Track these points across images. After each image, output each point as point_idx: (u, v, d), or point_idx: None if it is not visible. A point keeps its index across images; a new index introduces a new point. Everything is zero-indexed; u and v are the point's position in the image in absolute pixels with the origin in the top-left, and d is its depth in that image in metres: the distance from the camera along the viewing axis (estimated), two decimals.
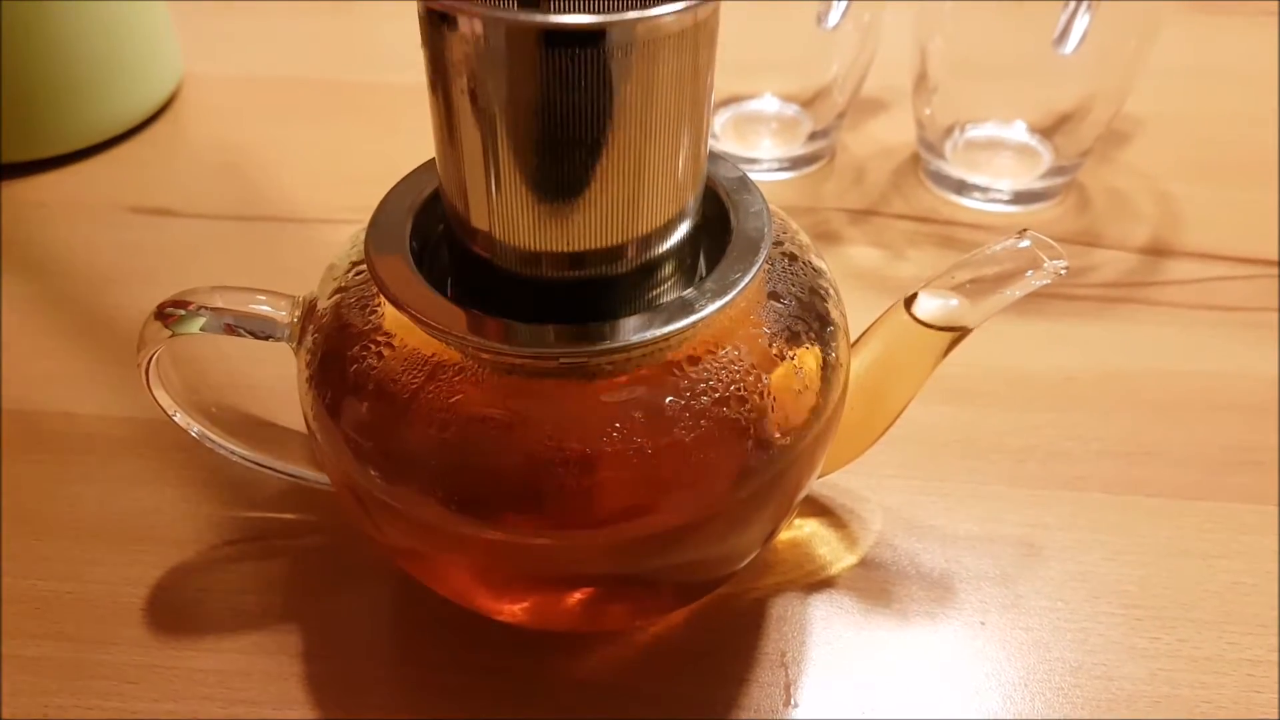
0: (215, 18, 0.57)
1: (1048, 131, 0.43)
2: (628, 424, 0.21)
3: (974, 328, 0.25)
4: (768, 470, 0.22)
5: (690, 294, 0.21)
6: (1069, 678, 0.27)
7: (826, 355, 0.24)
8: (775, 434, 0.22)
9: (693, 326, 0.20)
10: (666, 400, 0.21)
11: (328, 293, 0.24)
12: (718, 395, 0.21)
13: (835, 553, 0.30)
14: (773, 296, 0.23)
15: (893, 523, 0.31)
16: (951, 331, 0.25)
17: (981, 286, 0.24)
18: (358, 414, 0.22)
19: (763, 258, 0.22)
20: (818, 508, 0.31)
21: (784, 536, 0.30)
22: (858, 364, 0.26)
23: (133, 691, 0.27)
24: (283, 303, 0.25)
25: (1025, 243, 0.25)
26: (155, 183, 0.46)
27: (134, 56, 0.47)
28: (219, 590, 0.29)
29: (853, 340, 0.26)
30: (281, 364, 0.25)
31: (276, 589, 0.29)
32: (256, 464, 0.28)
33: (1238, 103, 0.50)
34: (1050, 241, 0.24)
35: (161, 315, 0.24)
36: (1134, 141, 0.47)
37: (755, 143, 0.45)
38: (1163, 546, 0.30)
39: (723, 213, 0.23)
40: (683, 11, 0.18)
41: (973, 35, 0.40)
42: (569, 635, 0.28)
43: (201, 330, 0.24)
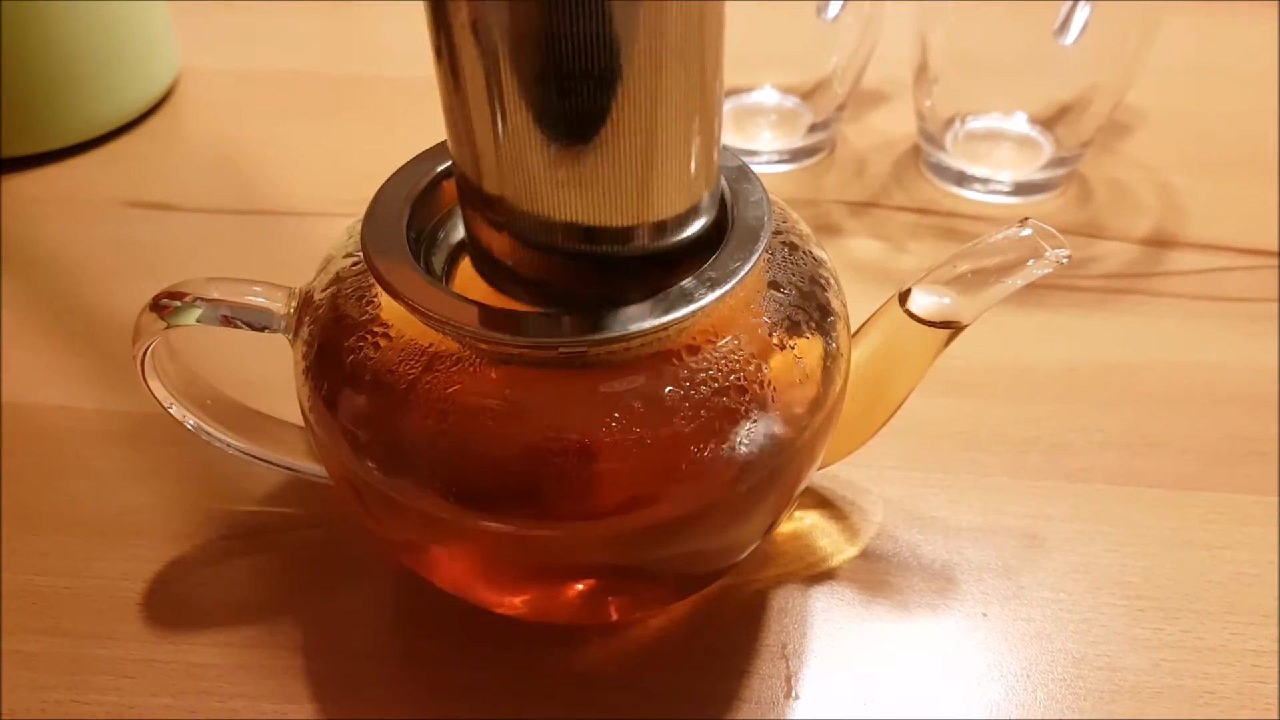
0: (213, 12, 0.57)
1: (1049, 123, 0.42)
2: (627, 414, 0.21)
3: (968, 324, 0.25)
4: (768, 461, 0.22)
5: (690, 283, 0.21)
6: (1071, 669, 0.27)
7: (827, 345, 0.23)
8: (776, 424, 0.22)
9: (692, 316, 0.20)
10: (666, 390, 0.21)
11: (324, 284, 0.24)
12: (717, 385, 0.21)
13: (836, 544, 0.30)
14: (773, 286, 0.23)
15: (894, 514, 0.31)
16: (945, 328, 0.25)
17: (980, 278, 0.24)
18: (355, 405, 0.22)
19: (763, 246, 0.22)
20: (818, 499, 0.31)
21: (785, 528, 0.30)
22: (858, 355, 0.26)
23: (131, 686, 0.27)
24: (279, 294, 0.25)
25: (1027, 231, 0.24)
26: (153, 177, 0.45)
27: (131, 51, 0.47)
28: (217, 585, 0.29)
29: (853, 331, 0.26)
30: (278, 356, 0.25)
31: (274, 583, 0.29)
32: (253, 457, 0.28)
33: (1239, 94, 0.50)
34: (1052, 230, 0.24)
35: (157, 307, 0.24)
36: (1135, 133, 0.47)
37: (755, 135, 0.45)
38: (1166, 537, 0.30)
39: (722, 202, 0.23)
40: None
41: (974, 27, 0.40)
42: (568, 628, 0.28)
43: (197, 322, 0.24)
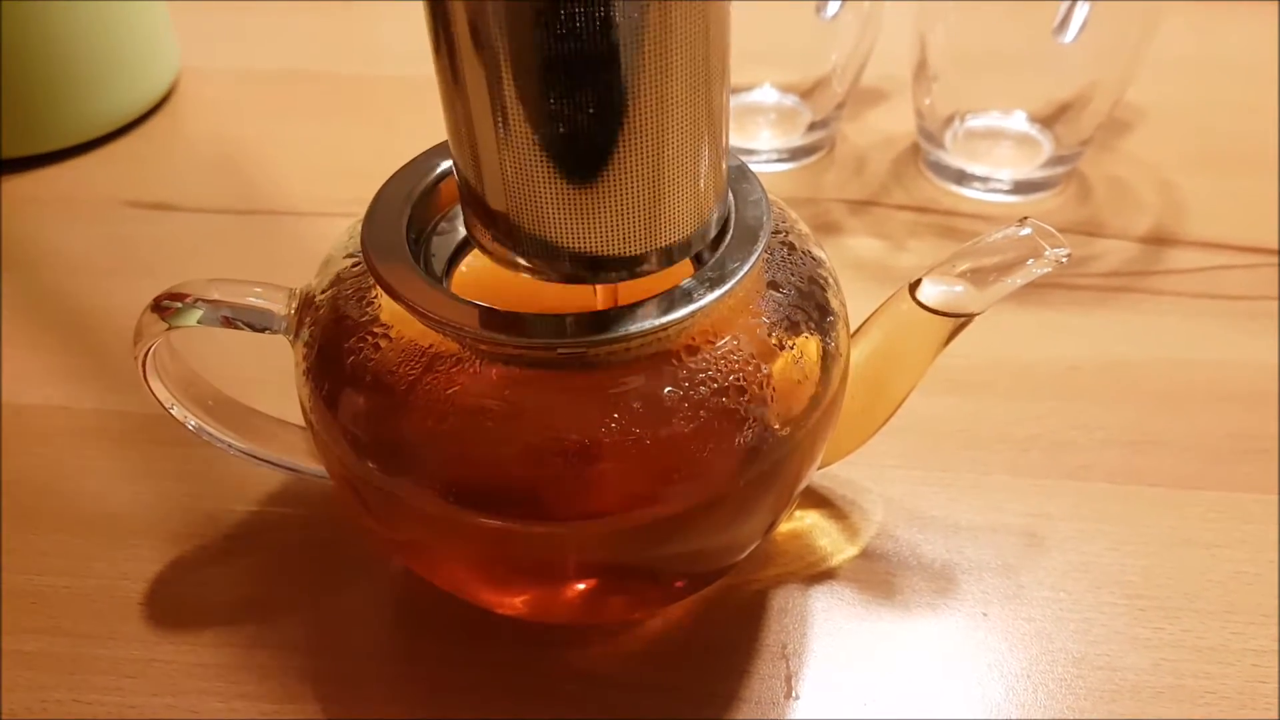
0: (213, 12, 0.57)
1: (1048, 121, 0.42)
2: (626, 414, 0.21)
3: (978, 314, 0.25)
4: (767, 460, 0.22)
5: (689, 283, 0.21)
6: (1072, 668, 0.27)
7: (826, 345, 0.23)
8: (775, 424, 0.22)
9: (691, 316, 0.20)
10: (665, 390, 0.21)
11: (324, 284, 0.24)
12: (717, 385, 0.21)
13: (836, 544, 0.30)
14: (772, 286, 0.23)
15: (894, 514, 0.31)
16: (956, 317, 0.25)
17: (982, 275, 0.24)
18: (355, 406, 0.22)
19: (761, 246, 0.22)
20: (818, 499, 0.31)
21: (785, 528, 0.30)
22: (858, 353, 0.26)
23: (131, 686, 0.27)
24: (280, 295, 0.25)
25: (1026, 231, 0.24)
26: (153, 177, 0.45)
27: (131, 51, 0.47)
28: (217, 584, 0.29)
29: (854, 329, 0.26)
30: (279, 356, 0.25)
31: (274, 583, 0.29)
32: (254, 457, 0.28)
33: (1239, 91, 0.50)
34: (1051, 229, 0.24)
35: (158, 308, 0.24)
36: (1135, 131, 0.47)
37: (754, 133, 0.45)
38: (1166, 536, 0.30)
39: None
40: None
41: (973, 25, 0.40)
42: (568, 627, 0.28)
43: (198, 323, 0.24)
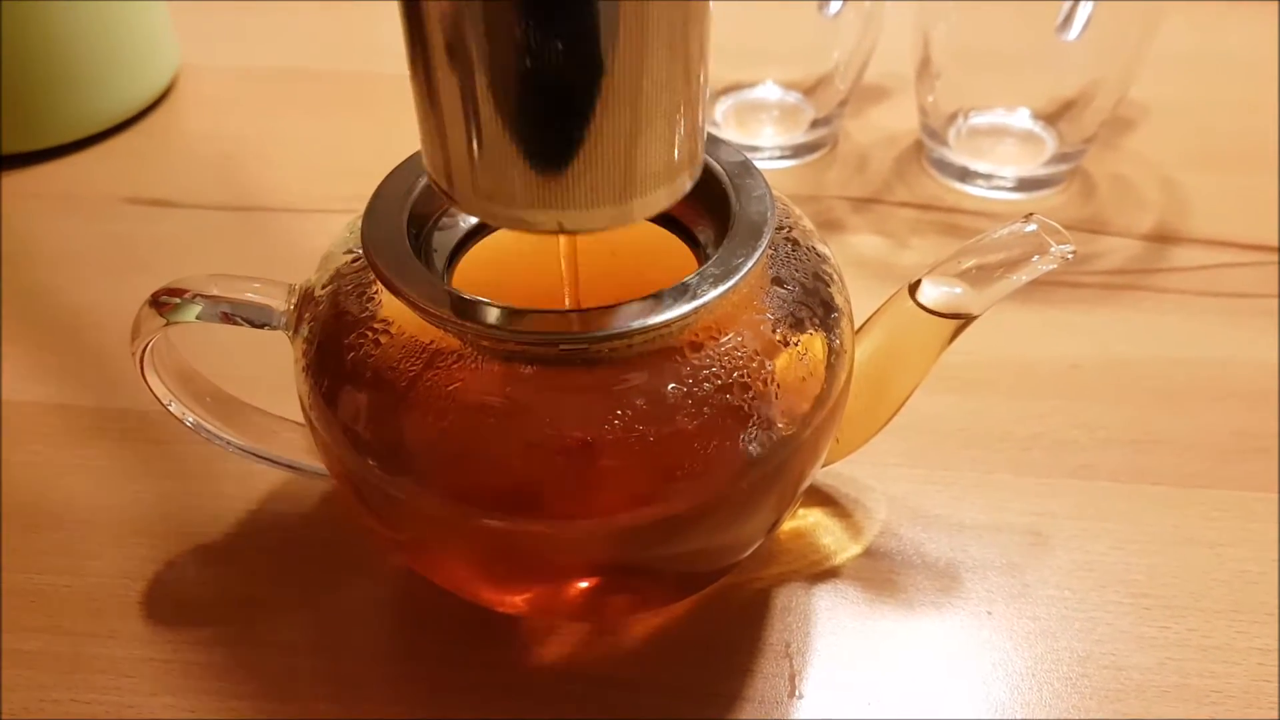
0: (212, 9, 0.57)
1: (1051, 118, 0.42)
2: (629, 411, 0.20)
3: (979, 315, 0.24)
4: (771, 458, 0.22)
5: (692, 279, 0.21)
6: (1077, 667, 0.27)
7: (831, 341, 0.23)
8: (779, 421, 0.22)
9: (695, 312, 0.20)
10: (669, 387, 0.21)
11: (324, 280, 0.24)
12: (721, 382, 0.21)
13: (840, 543, 0.30)
14: (776, 282, 0.23)
15: (898, 512, 0.30)
16: (955, 319, 0.24)
17: (987, 272, 0.24)
18: (355, 403, 0.22)
19: (765, 242, 0.21)
20: (822, 497, 0.31)
21: (788, 526, 0.30)
22: (861, 351, 0.26)
23: (130, 685, 0.26)
24: (279, 291, 0.24)
25: (1031, 227, 0.24)
26: (151, 174, 0.45)
27: (131, 48, 0.47)
28: (217, 583, 0.29)
29: (857, 327, 0.26)
30: (278, 353, 0.25)
31: (274, 582, 0.29)
32: (253, 454, 0.28)
33: (1242, 89, 0.49)
34: (1056, 226, 0.24)
35: (156, 304, 0.24)
36: (1138, 128, 0.47)
37: (757, 131, 0.45)
38: (1170, 535, 0.30)
39: (724, 197, 0.23)
40: None
41: (976, 22, 0.40)
42: (571, 626, 0.28)
43: (197, 319, 0.24)
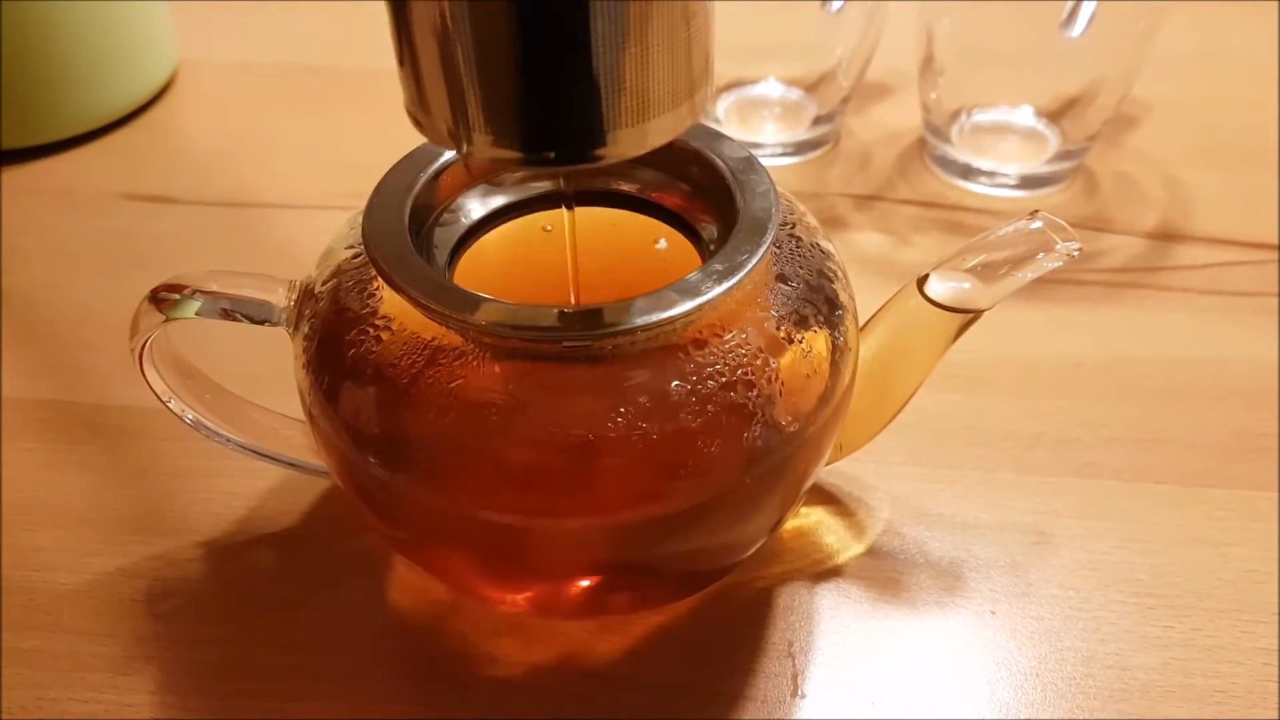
0: (211, 5, 0.57)
1: (1055, 116, 0.42)
2: (632, 408, 0.20)
3: (987, 309, 0.24)
4: (775, 456, 0.22)
5: (696, 276, 0.20)
6: (1081, 667, 0.27)
7: (835, 339, 0.23)
8: (783, 419, 0.22)
9: (699, 309, 0.20)
10: (672, 384, 0.21)
11: (325, 276, 0.23)
12: (724, 379, 0.21)
13: (843, 541, 0.30)
14: (780, 279, 0.23)
15: (901, 511, 0.30)
16: (964, 313, 0.24)
17: (993, 269, 0.24)
18: (356, 399, 0.22)
19: (770, 238, 0.21)
20: (825, 496, 0.31)
21: (791, 525, 0.30)
22: (866, 349, 0.25)
23: (129, 684, 0.26)
24: (279, 287, 0.24)
25: (1037, 224, 0.24)
26: (150, 170, 0.45)
27: (130, 43, 0.47)
28: (216, 581, 0.29)
29: (861, 324, 0.26)
30: (278, 349, 0.25)
31: (274, 580, 0.29)
32: (253, 451, 0.28)
33: (1246, 87, 0.49)
34: (1062, 223, 0.24)
35: (156, 300, 0.24)
36: (1142, 126, 0.47)
37: (759, 128, 0.45)
38: (1174, 534, 0.30)
39: (729, 193, 0.23)
40: None
41: (979, 19, 0.40)
42: (573, 624, 0.27)
43: (197, 315, 0.24)
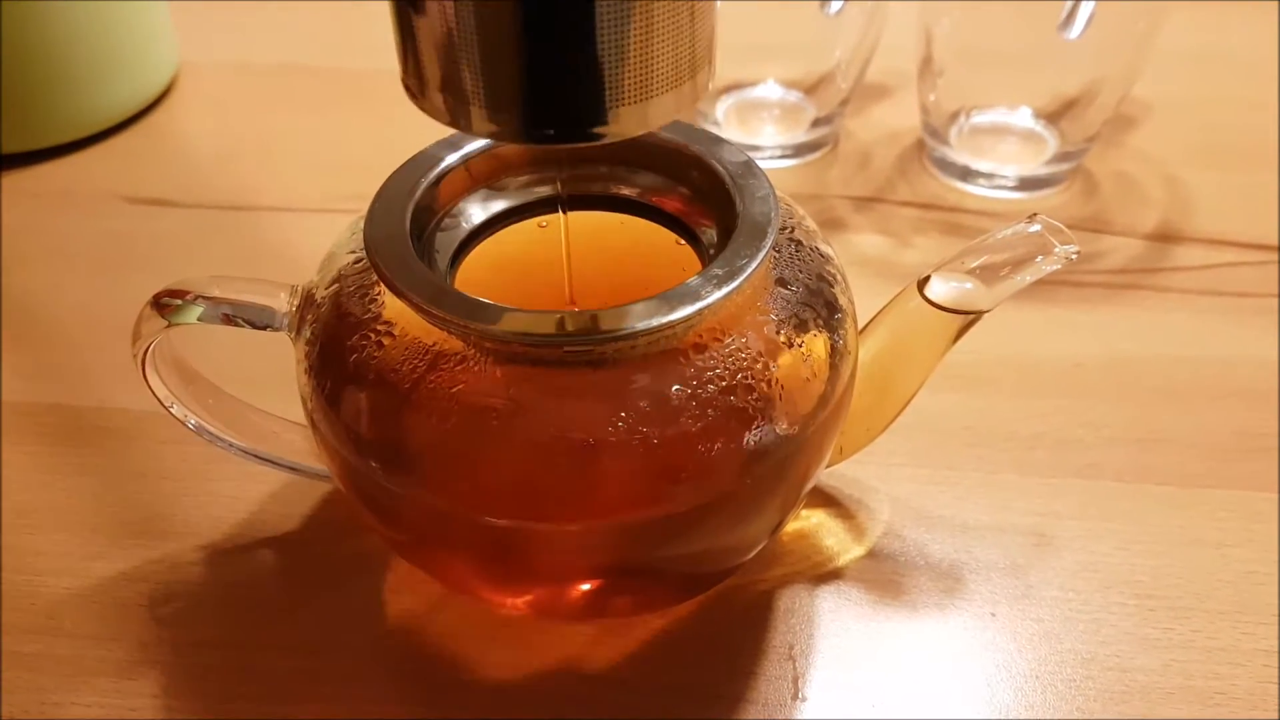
0: (212, 7, 0.57)
1: (1053, 117, 0.42)
2: (633, 413, 0.20)
3: (988, 310, 0.24)
4: (775, 459, 0.22)
5: (697, 280, 0.20)
6: (1081, 669, 0.27)
7: (834, 342, 0.23)
8: (783, 422, 0.22)
9: (699, 314, 0.20)
10: (673, 389, 0.21)
11: (326, 281, 0.23)
12: (725, 383, 0.21)
13: (843, 544, 0.30)
14: (780, 283, 0.23)
15: (901, 513, 0.30)
16: (965, 315, 0.24)
17: (992, 271, 0.24)
18: (358, 404, 0.22)
19: (770, 242, 0.21)
20: (825, 498, 0.31)
21: (791, 527, 0.30)
22: (866, 351, 0.25)
23: (132, 688, 0.26)
24: (281, 292, 0.24)
25: (1035, 227, 0.24)
26: (151, 173, 0.45)
27: (130, 46, 0.47)
28: (219, 585, 0.29)
29: (861, 326, 0.26)
30: (280, 355, 0.25)
31: (277, 583, 0.29)
32: (255, 456, 0.28)
33: (1245, 87, 0.49)
34: (1060, 226, 0.24)
35: (158, 305, 0.24)
36: (1141, 127, 0.47)
37: (758, 130, 0.45)
38: (1175, 535, 0.30)
39: (729, 197, 0.23)
40: None
41: (978, 20, 0.40)
42: (573, 627, 0.27)
43: (199, 320, 0.24)
